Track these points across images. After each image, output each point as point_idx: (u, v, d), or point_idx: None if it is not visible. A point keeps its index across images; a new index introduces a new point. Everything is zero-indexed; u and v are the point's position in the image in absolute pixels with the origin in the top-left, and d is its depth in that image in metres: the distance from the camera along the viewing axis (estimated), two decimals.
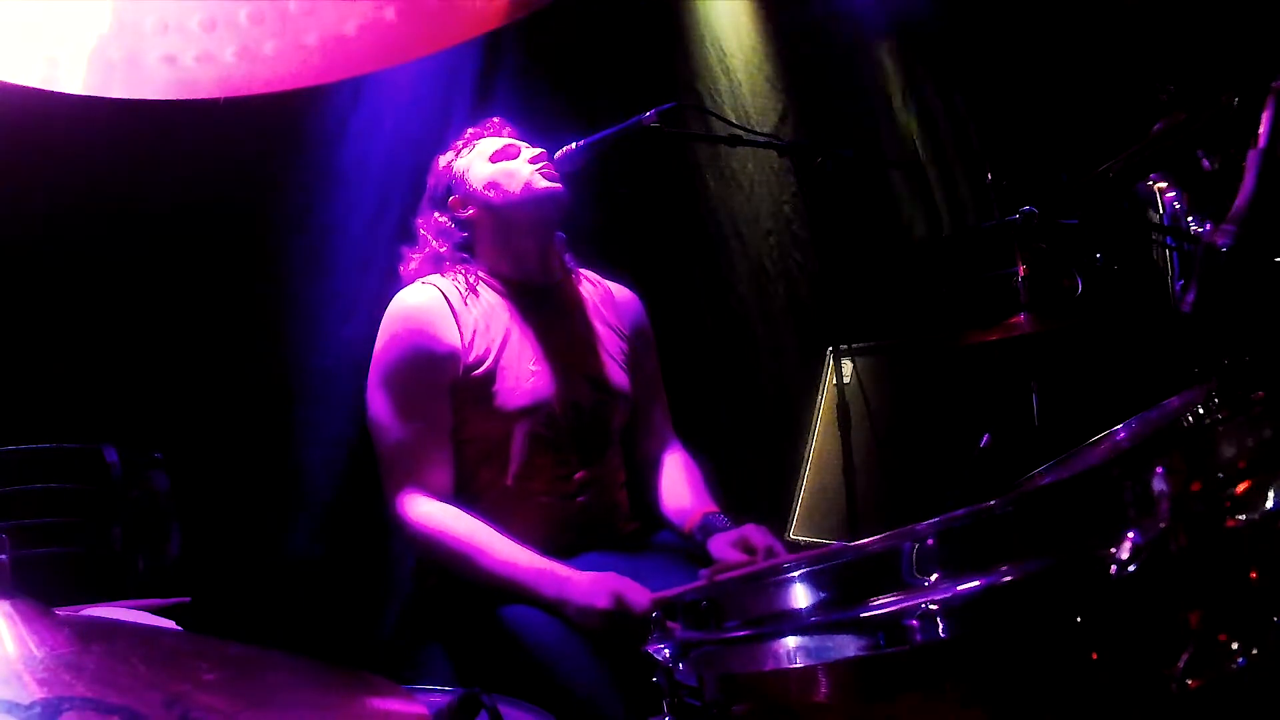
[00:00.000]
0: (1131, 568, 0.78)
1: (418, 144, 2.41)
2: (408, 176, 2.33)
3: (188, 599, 1.82)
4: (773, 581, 0.93)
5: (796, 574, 0.90)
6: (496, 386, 1.88)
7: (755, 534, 1.87)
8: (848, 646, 0.86)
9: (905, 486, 2.98)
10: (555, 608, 1.70)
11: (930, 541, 0.85)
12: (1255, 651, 0.80)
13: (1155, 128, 2.13)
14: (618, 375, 2.04)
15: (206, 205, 2.28)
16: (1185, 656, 0.78)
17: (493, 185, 1.98)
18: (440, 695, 1.08)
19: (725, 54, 3.74)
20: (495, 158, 2.00)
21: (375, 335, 1.91)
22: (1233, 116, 1.89)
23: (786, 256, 3.80)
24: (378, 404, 1.87)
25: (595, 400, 1.97)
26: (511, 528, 1.80)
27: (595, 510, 1.96)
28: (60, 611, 0.75)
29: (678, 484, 2.08)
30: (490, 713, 0.86)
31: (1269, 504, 0.84)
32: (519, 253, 1.99)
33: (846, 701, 0.89)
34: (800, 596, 0.90)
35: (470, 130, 2.09)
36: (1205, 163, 2.01)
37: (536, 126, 2.11)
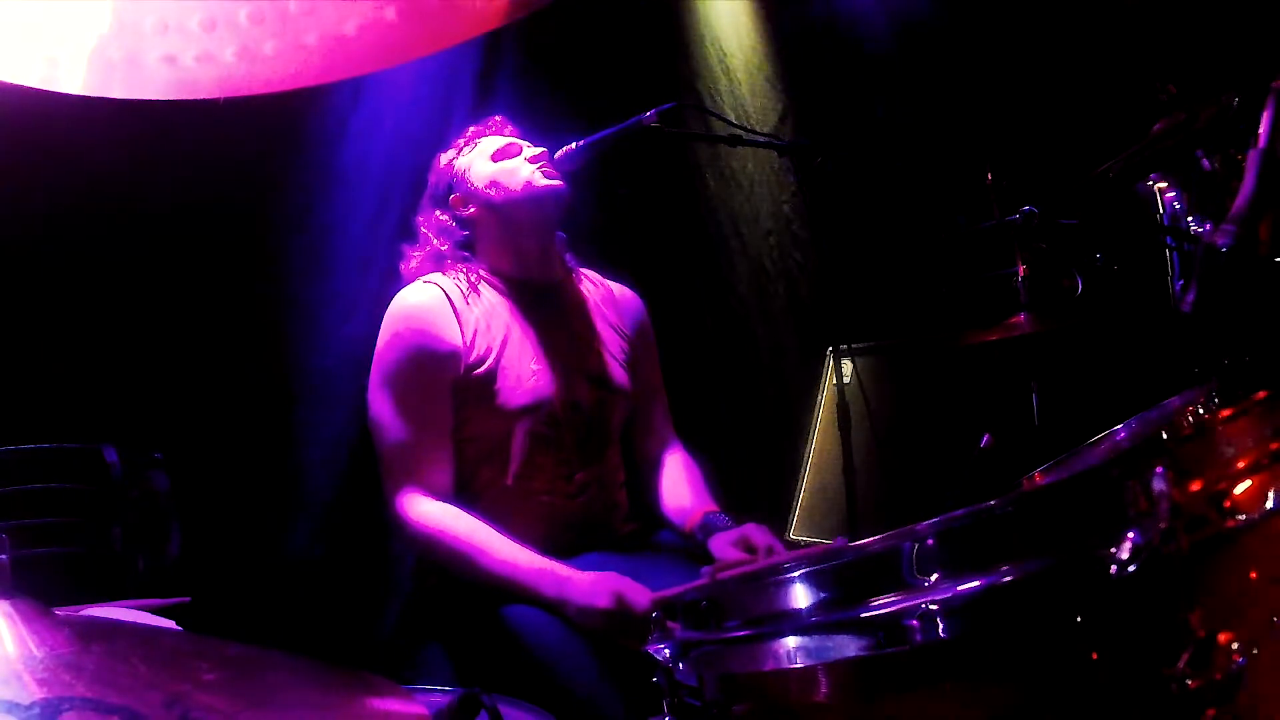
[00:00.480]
0: (1131, 568, 0.78)
1: (418, 144, 2.41)
2: (408, 176, 2.33)
3: (188, 599, 1.82)
4: (773, 581, 0.93)
5: (797, 574, 0.90)
6: (498, 385, 1.88)
7: (756, 533, 1.87)
8: (848, 646, 0.86)
9: (905, 486, 2.98)
10: (555, 608, 1.71)
11: (930, 541, 0.85)
12: (1255, 651, 0.80)
13: (1155, 128, 2.13)
14: (618, 374, 2.04)
15: (206, 205, 2.28)
16: (1185, 656, 0.78)
17: (494, 183, 1.98)
18: (440, 695, 1.08)
19: (725, 54, 3.74)
20: (496, 156, 2.00)
21: (376, 334, 1.91)
22: (1233, 116, 1.89)
23: (786, 256, 3.80)
24: (378, 403, 1.87)
25: (595, 399, 1.98)
26: (512, 527, 1.80)
27: (595, 510, 1.96)
28: (60, 611, 0.75)
29: (678, 483, 2.08)
30: (490, 713, 0.86)
31: (1269, 504, 0.84)
32: (520, 251, 1.99)
33: (846, 701, 0.89)
34: (800, 596, 0.90)
35: (472, 129, 2.09)
36: (1205, 163, 2.01)
37: (536, 126, 2.11)
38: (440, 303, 1.89)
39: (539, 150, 1.99)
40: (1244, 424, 0.89)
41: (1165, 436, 0.83)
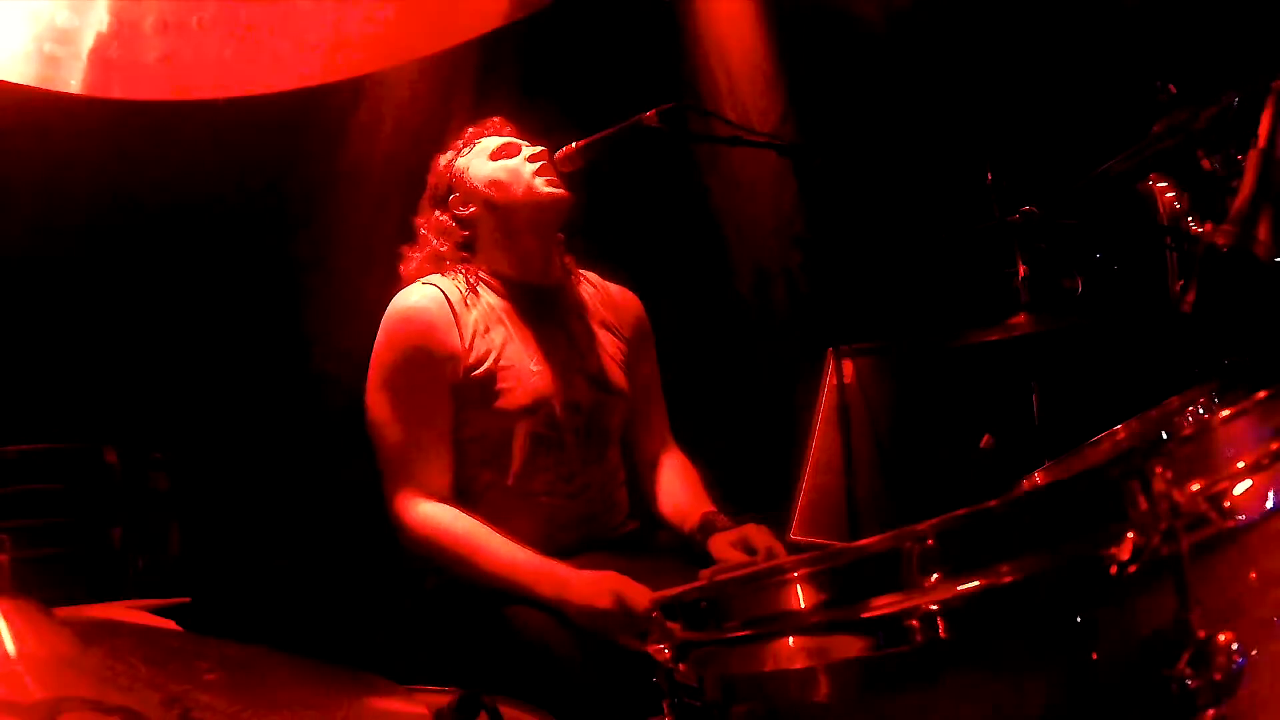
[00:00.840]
0: (1131, 568, 0.78)
1: (418, 143, 2.41)
2: (408, 176, 2.33)
3: (188, 599, 1.82)
4: (773, 581, 0.93)
5: (796, 574, 0.90)
6: (498, 387, 1.88)
7: (756, 534, 1.87)
8: (848, 646, 0.86)
9: (905, 486, 2.98)
10: (555, 607, 1.71)
11: (930, 541, 0.85)
12: (1255, 652, 0.80)
13: (1155, 128, 2.12)
14: (617, 376, 2.04)
15: (207, 205, 2.29)
16: (1185, 656, 0.78)
17: (494, 184, 1.98)
18: (440, 695, 1.08)
19: (725, 54, 3.74)
20: (496, 155, 2.00)
21: (375, 335, 1.91)
22: (1233, 116, 1.89)
23: (786, 256, 3.80)
24: (377, 405, 1.87)
25: (594, 400, 1.98)
26: (512, 528, 1.80)
27: (595, 510, 1.96)
28: (60, 611, 0.75)
29: (677, 485, 2.09)
30: (490, 713, 0.86)
31: (1269, 504, 0.84)
32: (520, 252, 1.99)
33: (846, 701, 0.89)
34: (800, 596, 0.90)
35: (470, 129, 2.08)
36: (1205, 163, 2.00)
37: (536, 126, 2.11)
38: (439, 304, 1.89)
39: (538, 149, 1.99)
40: (1244, 424, 0.89)
41: (1165, 436, 0.83)
